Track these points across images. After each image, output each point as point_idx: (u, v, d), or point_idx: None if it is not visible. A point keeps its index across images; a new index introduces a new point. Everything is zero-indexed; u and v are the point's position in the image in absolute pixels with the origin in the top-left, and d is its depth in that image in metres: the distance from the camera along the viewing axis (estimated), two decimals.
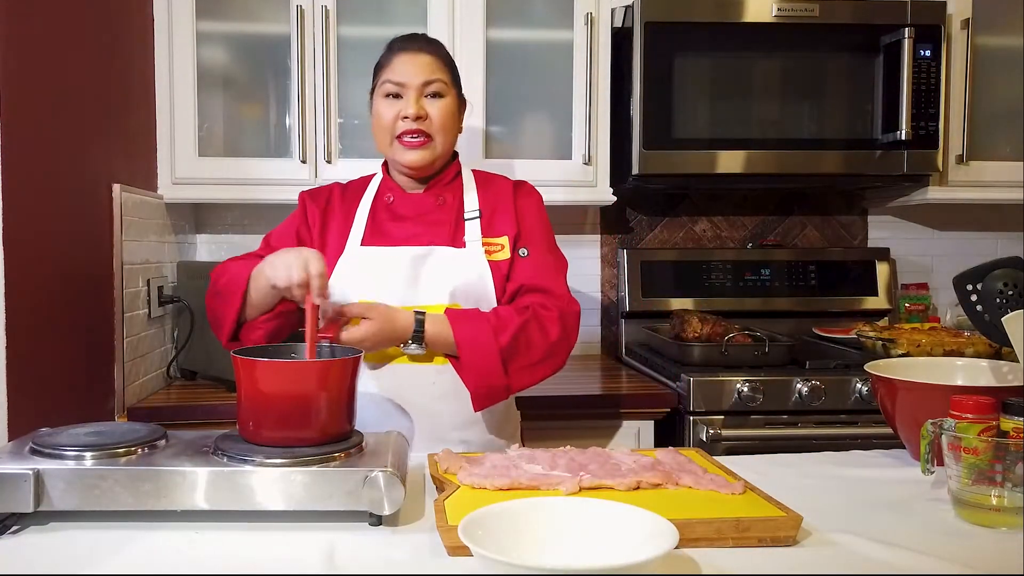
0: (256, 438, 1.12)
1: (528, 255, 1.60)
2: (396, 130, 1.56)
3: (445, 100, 1.57)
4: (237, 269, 1.49)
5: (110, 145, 2.01)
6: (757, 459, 1.40)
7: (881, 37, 2.35)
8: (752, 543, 0.99)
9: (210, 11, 2.30)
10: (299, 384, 1.13)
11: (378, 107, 1.59)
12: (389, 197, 1.64)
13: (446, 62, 1.61)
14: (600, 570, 0.83)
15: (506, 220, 1.61)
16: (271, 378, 1.12)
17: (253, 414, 1.13)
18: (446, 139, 1.59)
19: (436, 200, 1.62)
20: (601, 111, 2.38)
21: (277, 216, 2.65)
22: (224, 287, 1.50)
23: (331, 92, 2.31)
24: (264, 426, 1.11)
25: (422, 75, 1.55)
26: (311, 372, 1.17)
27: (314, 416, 1.12)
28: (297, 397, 1.12)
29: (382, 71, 1.59)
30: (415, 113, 1.54)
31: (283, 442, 1.10)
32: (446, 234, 1.59)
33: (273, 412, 1.12)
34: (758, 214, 2.82)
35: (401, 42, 1.61)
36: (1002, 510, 1.05)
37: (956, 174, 2.46)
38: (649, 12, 2.30)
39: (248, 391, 1.13)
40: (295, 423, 1.11)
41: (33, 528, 1.03)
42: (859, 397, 2.07)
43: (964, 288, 1.38)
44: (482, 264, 1.56)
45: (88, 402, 1.87)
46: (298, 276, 1.32)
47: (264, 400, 1.12)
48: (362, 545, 0.99)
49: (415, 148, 1.56)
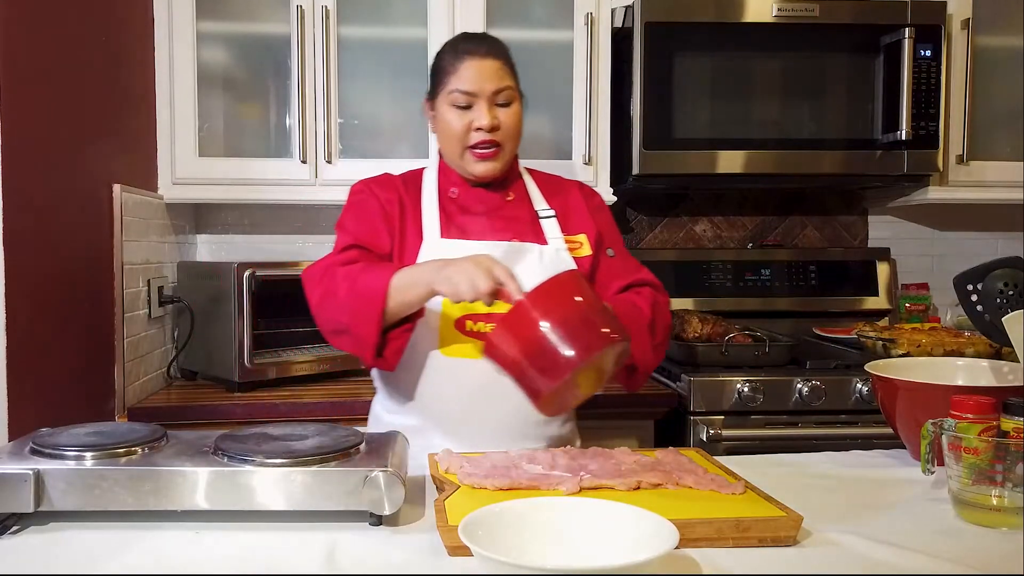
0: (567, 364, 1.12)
1: (615, 255, 1.60)
2: (468, 141, 1.51)
3: (515, 106, 1.53)
4: (367, 282, 1.39)
5: (110, 145, 2.01)
6: (757, 459, 1.40)
7: (881, 37, 2.35)
8: (752, 543, 0.99)
9: (210, 11, 2.30)
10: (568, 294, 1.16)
11: (446, 116, 1.52)
12: (454, 191, 1.58)
13: (510, 63, 1.55)
14: (600, 570, 0.83)
15: (582, 220, 1.60)
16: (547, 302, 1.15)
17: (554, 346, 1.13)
18: (515, 144, 1.56)
19: (503, 196, 1.59)
20: (601, 111, 2.38)
21: (277, 216, 2.68)
22: (355, 303, 1.40)
23: (331, 92, 2.31)
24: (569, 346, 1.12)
25: (493, 83, 1.50)
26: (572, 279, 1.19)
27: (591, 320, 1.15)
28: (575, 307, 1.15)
29: (447, 77, 1.52)
30: (489, 124, 1.49)
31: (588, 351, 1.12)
32: (527, 230, 1.56)
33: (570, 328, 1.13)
34: (758, 214, 2.82)
35: (467, 44, 1.54)
36: (1002, 510, 1.05)
37: (956, 174, 2.46)
38: (649, 12, 2.30)
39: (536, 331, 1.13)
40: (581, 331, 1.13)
41: (33, 528, 1.03)
42: (859, 397, 2.07)
43: (964, 288, 1.38)
44: (569, 261, 1.54)
45: (88, 402, 1.87)
46: (486, 285, 1.25)
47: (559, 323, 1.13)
48: (362, 545, 0.99)
49: (488, 159, 1.52)
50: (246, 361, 2.14)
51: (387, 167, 2.30)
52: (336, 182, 2.33)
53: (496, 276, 1.25)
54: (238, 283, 2.13)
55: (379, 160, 2.35)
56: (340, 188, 2.33)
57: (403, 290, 1.36)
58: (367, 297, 1.38)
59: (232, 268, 2.14)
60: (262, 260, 2.36)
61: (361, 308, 1.38)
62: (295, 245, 2.68)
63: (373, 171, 2.41)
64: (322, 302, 1.45)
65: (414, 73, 2.32)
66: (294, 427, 1.19)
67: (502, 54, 1.54)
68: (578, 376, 1.15)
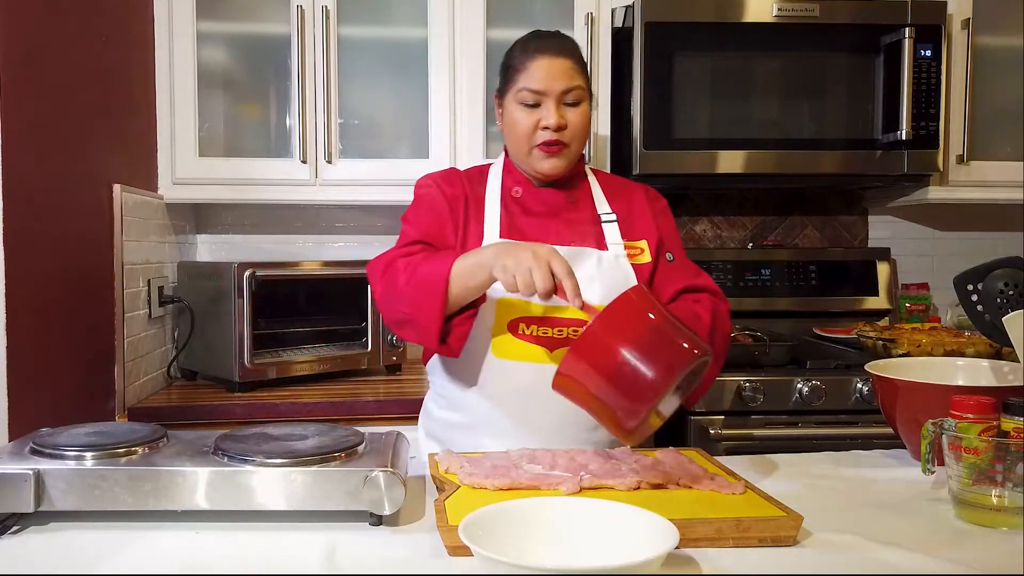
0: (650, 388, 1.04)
1: (674, 260, 1.57)
2: (536, 140, 1.49)
3: (584, 106, 1.51)
4: (428, 269, 1.37)
5: (110, 145, 2.01)
6: (757, 459, 1.40)
7: (881, 37, 2.35)
8: (752, 543, 0.99)
9: (210, 11, 2.30)
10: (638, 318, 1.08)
11: (514, 114, 1.51)
12: (517, 191, 1.57)
13: (581, 63, 1.53)
14: (600, 570, 0.83)
15: (644, 225, 1.57)
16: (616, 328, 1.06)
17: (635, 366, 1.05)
18: (581, 144, 1.54)
19: (567, 198, 1.57)
20: (601, 111, 2.38)
21: (277, 216, 2.68)
22: (416, 293, 1.37)
23: (331, 92, 2.31)
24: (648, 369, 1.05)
25: (562, 82, 1.48)
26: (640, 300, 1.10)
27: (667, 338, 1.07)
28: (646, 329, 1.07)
29: (517, 75, 1.50)
30: (556, 123, 1.47)
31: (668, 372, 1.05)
32: (589, 234, 1.53)
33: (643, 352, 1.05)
34: (758, 214, 2.82)
35: (538, 42, 1.52)
36: (1002, 510, 1.05)
37: (956, 174, 2.46)
38: (649, 12, 2.30)
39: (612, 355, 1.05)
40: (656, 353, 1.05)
41: (33, 528, 1.03)
42: (859, 397, 2.07)
43: (965, 288, 1.38)
44: (627, 267, 1.51)
45: (88, 402, 1.87)
46: (542, 281, 1.20)
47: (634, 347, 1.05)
48: (362, 545, 0.99)
49: (553, 155, 1.50)
50: (246, 361, 2.14)
51: (387, 167, 2.33)
52: (336, 182, 2.33)
53: (556, 270, 1.20)
54: (238, 283, 2.13)
55: (379, 160, 2.35)
56: (340, 188, 2.34)
57: (464, 276, 1.33)
58: (429, 285, 1.36)
59: (232, 268, 2.14)
60: (262, 260, 2.36)
61: (423, 297, 1.36)
62: (295, 245, 2.68)
63: (373, 171, 2.43)
64: (385, 294, 1.45)
65: (414, 73, 2.32)
66: (294, 427, 1.19)
67: (573, 53, 1.52)
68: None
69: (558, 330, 1.45)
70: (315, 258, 2.63)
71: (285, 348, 2.29)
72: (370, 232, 2.70)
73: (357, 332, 2.38)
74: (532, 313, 1.45)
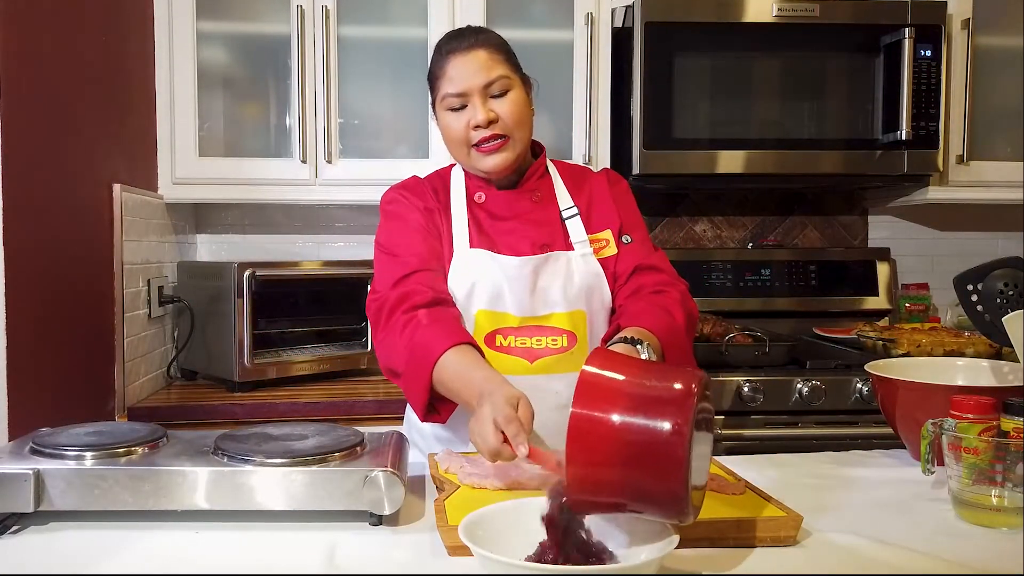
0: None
1: (631, 241, 1.53)
2: (471, 140, 1.45)
3: (513, 93, 1.45)
4: (422, 341, 1.32)
5: (110, 145, 2.01)
6: (757, 459, 1.40)
7: (881, 37, 2.35)
8: (752, 543, 0.99)
9: (210, 11, 2.30)
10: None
11: (445, 120, 1.46)
12: (480, 196, 1.52)
13: (501, 49, 1.47)
14: (600, 570, 0.83)
15: (607, 212, 1.53)
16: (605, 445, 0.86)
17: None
18: (523, 132, 1.47)
19: (532, 197, 1.52)
20: (601, 111, 2.38)
21: (277, 216, 2.68)
22: (409, 359, 1.33)
23: (331, 92, 2.31)
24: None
25: (481, 76, 1.42)
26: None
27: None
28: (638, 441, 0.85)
29: (438, 82, 1.47)
30: (485, 119, 1.42)
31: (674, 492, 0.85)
32: (557, 234, 1.49)
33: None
34: (758, 214, 2.82)
35: (450, 44, 1.47)
36: (1002, 510, 1.05)
37: (956, 174, 2.46)
38: (649, 12, 2.30)
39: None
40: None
41: (33, 528, 1.03)
42: (859, 397, 2.07)
43: (964, 288, 1.38)
44: (595, 264, 1.48)
45: (88, 402, 1.87)
46: (493, 442, 1.09)
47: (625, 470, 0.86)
48: (362, 545, 0.99)
49: (494, 152, 1.44)
50: (246, 361, 2.14)
51: (387, 167, 2.33)
52: (336, 182, 2.33)
53: (505, 430, 1.09)
54: (238, 283, 2.13)
55: (379, 160, 2.35)
56: (340, 188, 2.34)
57: (448, 381, 1.29)
58: (420, 361, 1.31)
59: (232, 268, 2.14)
60: (262, 260, 2.36)
61: (414, 370, 1.33)
62: (295, 245, 2.68)
63: (373, 171, 2.42)
64: (382, 344, 1.42)
65: (414, 73, 2.32)
66: (294, 427, 1.19)
67: (488, 42, 1.46)
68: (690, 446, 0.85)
69: (536, 339, 1.42)
70: (315, 258, 2.63)
71: (285, 348, 2.29)
72: (370, 232, 2.67)
73: (357, 332, 2.38)
74: (508, 324, 1.42)
